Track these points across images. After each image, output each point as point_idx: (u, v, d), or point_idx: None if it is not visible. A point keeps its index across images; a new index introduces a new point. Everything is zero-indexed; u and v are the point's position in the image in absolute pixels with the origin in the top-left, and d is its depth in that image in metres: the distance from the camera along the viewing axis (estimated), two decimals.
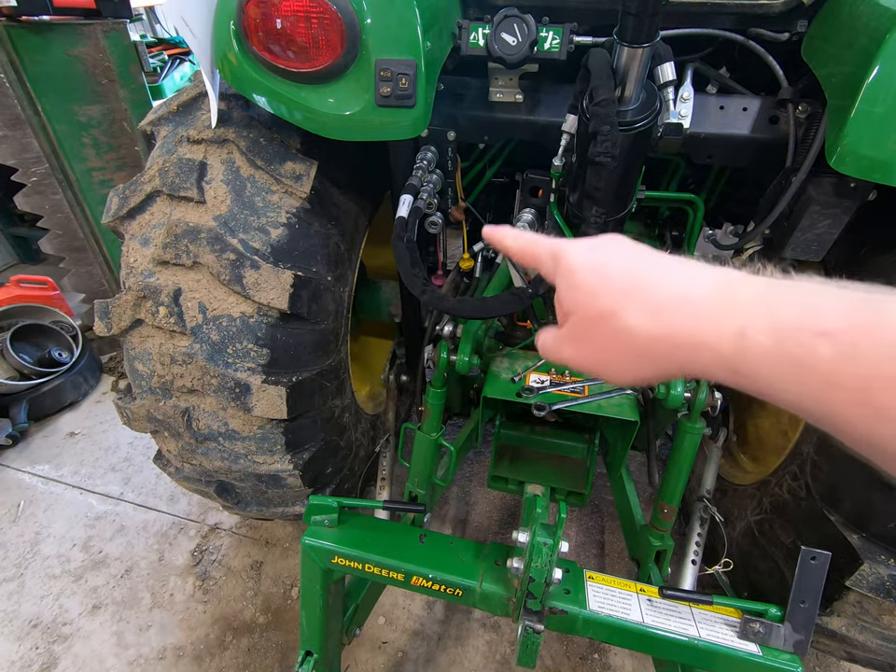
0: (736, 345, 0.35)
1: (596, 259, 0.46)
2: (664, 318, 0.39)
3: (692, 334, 0.38)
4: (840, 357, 0.31)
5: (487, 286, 1.49)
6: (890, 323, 0.30)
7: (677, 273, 0.41)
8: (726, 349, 0.36)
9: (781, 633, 0.91)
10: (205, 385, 1.13)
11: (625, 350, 0.42)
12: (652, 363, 0.42)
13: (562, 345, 0.49)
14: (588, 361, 0.47)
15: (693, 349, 0.38)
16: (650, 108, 0.87)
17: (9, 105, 2.16)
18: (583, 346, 0.46)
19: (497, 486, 1.54)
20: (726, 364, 0.36)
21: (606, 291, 0.43)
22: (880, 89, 0.82)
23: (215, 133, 1.12)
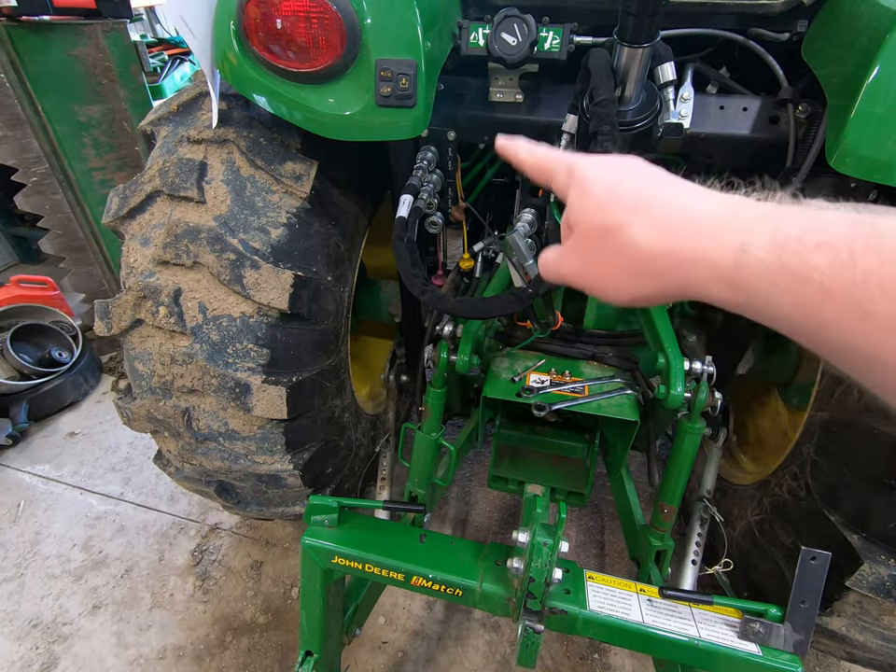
0: (736, 260, 0.36)
1: (609, 173, 0.45)
2: (668, 234, 0.40)
3: (693, 250, 0.38)
4: (836, 267, 0.31)
5: (487, 286, 1.49)
6: (888, 233, 0.30)
7: (685, 191, 0.42)
8: (726, 264, 0.36)
9: (781, 633, 0.91)
10: (205, 385, 1.13)
11: (628, 265, 0.42)
12: (653, 280, 0.42)
13: (564, 260, 0.48)
14: (589, 276, 0.46)
15: (693, 265, 0.38)
16: (650, 108, 0.87)
17: (9, 105, 2.16)
18: (586, 260, 0.46)
19: (497, 486, 1.54)
20: (725, 279, 0.37)
21: (614, 205, 0.43)
22: (880, 89, 0.82)
23: (215, 132, 1.12)
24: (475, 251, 1.53)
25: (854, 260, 0.31)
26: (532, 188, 1.29)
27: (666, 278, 0.41)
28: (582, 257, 0.46)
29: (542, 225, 1.27)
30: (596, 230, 0.44)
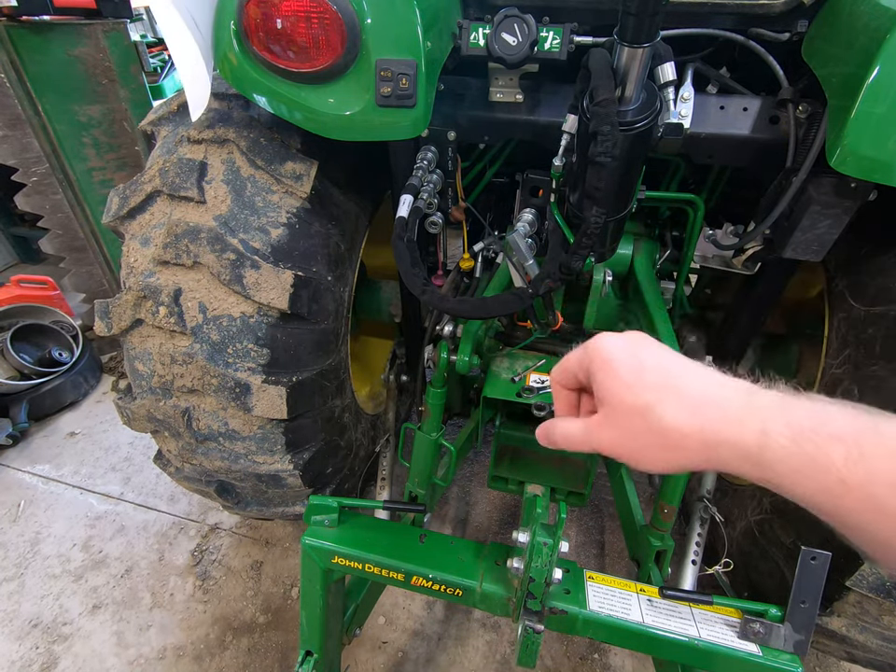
0: (759, 443, 0.40)
1: (630, 351, 0.50)
2: (696, 416, 0.44)
3: (719, 431, 0.43)
4: (850, 461, 0.36)
5: (487, 286, 1.49)
6: (886, 433, 0.36)
7: (704, 376, 0.47)
8: (750, 446, 0.41)
9: (781, 633, 0.91)
10: (205, 384, 1.13)
11: (658, 442, 0.46)
12: (683, 455, 0.45)
13: (596, 433, 0.51)
14: (622, 448, 0.50)
15: (721, 446, 0.43)
16: (650, 108, 0.87)
17: (10, 105, 2.16)
18: (618, 434, 0.49)
19: (497, 486, 1.54)
20: (750, 459, 0.41)
21: (641, 385, 0.47)
22: (881, 89, 0.82)
23: (215, 133, 1.12)
24: (475, 251, 1.53)
25: (864, 458, 0.36)
26: (532, 187, 1.29)
27: (695, 454, 0.45)
28: (615, 430, 0.50)
29: (542, 225, 1.27)
30: (626, 408, 0.48)
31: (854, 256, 1.17)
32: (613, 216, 1.00)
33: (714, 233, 1.31)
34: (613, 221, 1.01)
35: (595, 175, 0.85)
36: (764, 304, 1.43)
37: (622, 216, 1.03)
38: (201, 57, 0.97)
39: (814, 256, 1.09)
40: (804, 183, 1.02)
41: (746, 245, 1.21)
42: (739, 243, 1.22)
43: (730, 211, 1.58)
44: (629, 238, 1.50)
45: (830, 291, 1.25)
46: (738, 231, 1.29)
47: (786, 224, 1.10)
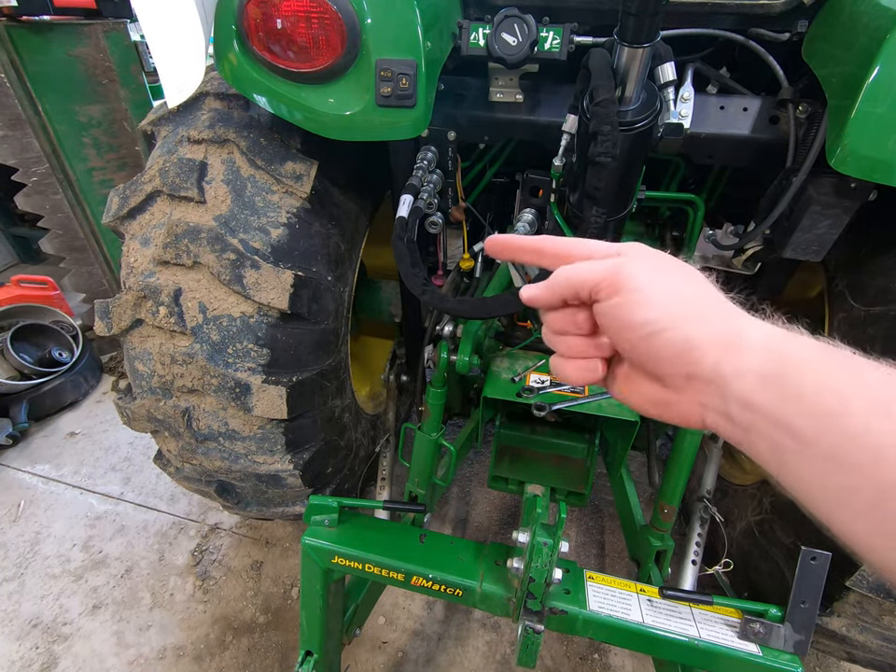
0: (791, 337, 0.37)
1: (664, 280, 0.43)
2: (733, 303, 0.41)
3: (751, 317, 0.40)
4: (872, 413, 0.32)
5: (487, 286, 1.49)
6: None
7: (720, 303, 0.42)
8: (779, 337, 0.37)
9: (781, 633, 0.91)
10: (205, 384, 1.13)
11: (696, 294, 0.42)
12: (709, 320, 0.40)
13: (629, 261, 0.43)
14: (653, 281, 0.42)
15: (751, 324, 0.39)
16: (650, 108, 0.87)
17: (10, 105, 2.16)
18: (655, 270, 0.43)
19: (497, 486, 1.54)
20: (775, 348, 0.37)
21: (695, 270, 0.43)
22: (881, 89, 0.82)
23: (215, 132, 1.12)
24: (475, 251, 1.53)
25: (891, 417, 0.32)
26: (532, 187, 1.29)
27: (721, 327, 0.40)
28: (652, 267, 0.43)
29: (542, 225, 1.27)
30: (678, 265, 0.44)
31: (854, 256, 1.17)
32: (613, 216, 1.00)
33: (714, 233, 1.31)
34: (613, 221, 1.01)
35: (595, 174, 0.85)
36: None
37: (622, 216, 1.03)
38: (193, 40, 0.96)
39: (814, 256, 1.09)
40: (804, 183, 1.02)
41: (746, 245, 1.21)
42: (739, 243, 1.22)
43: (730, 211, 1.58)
44: (629, 238, 1.50)
45: (830, 291, 1.25)
46: (738, 231, 1.29)
47: (786, 224, 1.10)
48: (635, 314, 0.40)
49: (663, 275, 0.42)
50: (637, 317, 0.40)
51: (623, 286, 0.41)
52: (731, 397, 0.37)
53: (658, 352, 0.40)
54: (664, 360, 0.40)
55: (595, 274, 0.43)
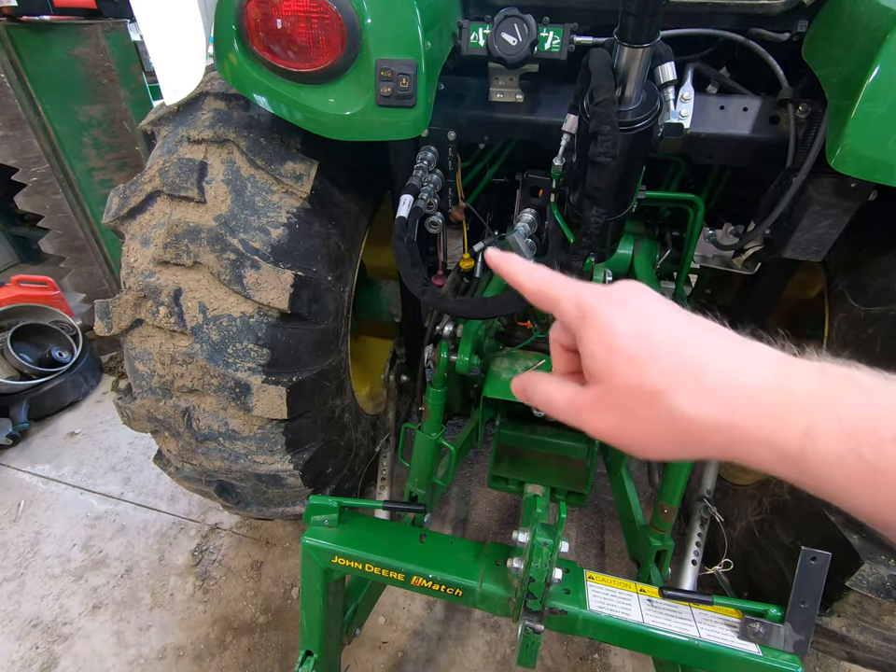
0: (803, 446, 0.33)
1: (637, 322, 0.40)
2: (722, 409, 0.36)
3: (754, 428, 0.35)
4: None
5: (487, 286, 1.49)
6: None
7: (727, 349, 0.38)
8: (792, 449, 0.34)
9: (781, 633, 0.91)
10: (205, 384, 1.13)
11: (672, 433, 0.38)
12: (701, 449, 0.38)
13: (588, 412, 0.42)
14: (619, 436, 0.41)
15: (755, 444, 0.35)
16: (650, 108, 0.87)
17: (10, 105, 2.16)
18: (615, 419, 0.41)
19: (497, 486, 1.54)
20: (792, 464, 0.34)
21: (650, 364, 0.38)
22: (881, 89, 0.82)
23: (215, 132, 1.12)
24: (475, 251, 1.53)
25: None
26: (532, 187, 1.29)
27: (717, 449, 0.37)
28: (611, 414, 0.41)
29: (542, 225, 1.27)
30: (629, 389, 0.39)
31: (854, 256, 1.17)
32: (613, 216, 1.00)
33: (714, 233, 1.31)
34: (613, 221, 1.01)
35: (595, 174, 0.85)
36: (764, 304, 1.43)
37: (622, 216, 1.03)
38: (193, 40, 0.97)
39: (814, 256, 1.09)
40: (804, 183, 1.02)
41: (746, 245, 1.21)
42: (739, 243, 1.22)
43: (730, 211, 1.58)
44: (629, 238, 1.50)
45: (830, 291, 1.25)
46: (738, 231, 1.29)
47: (786, 224, 1.10)
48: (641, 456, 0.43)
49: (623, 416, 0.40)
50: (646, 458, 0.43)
51: (595, 433, 0.42)
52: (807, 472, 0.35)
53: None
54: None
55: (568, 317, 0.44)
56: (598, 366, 0.41)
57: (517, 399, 0.51)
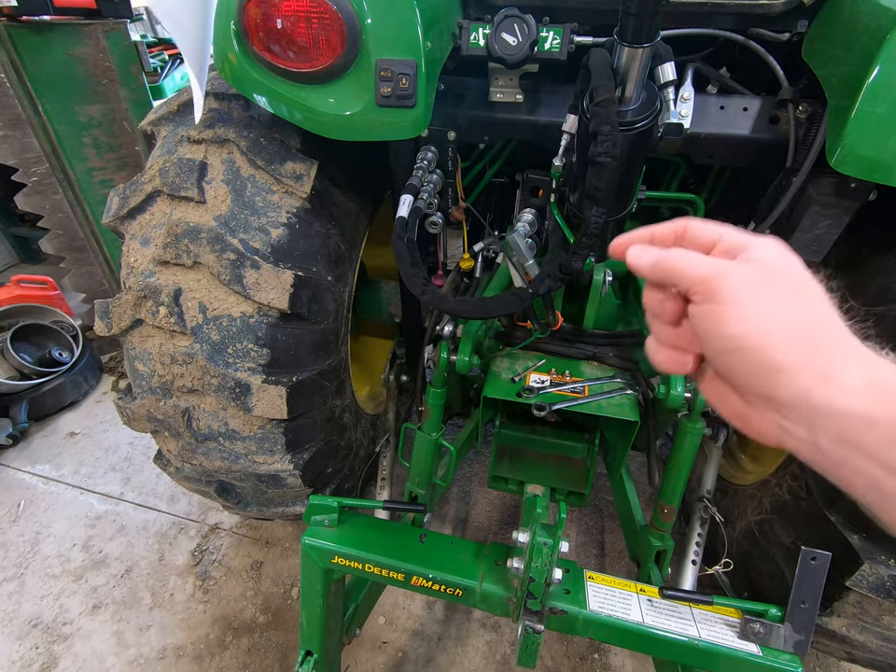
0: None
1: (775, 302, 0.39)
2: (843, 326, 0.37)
3: (857, 348, 0.36)
4: None
5: (487, 286, 1.49)
6: None
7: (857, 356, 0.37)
8: (888, 378, 0.34)
9: (781, 633, 0.91)
10: (205, 384, 1.13)
11: (797, 319, 0.37)
12: (803, 351, 0.37)
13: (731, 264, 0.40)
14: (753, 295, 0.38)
15: (852, 360, 0.36)
16: (650, 108, 0.87)
17: (10, 105, 2.16)
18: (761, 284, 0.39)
19: (497, 486, 1.54)
20: (879, 388, 0.34)
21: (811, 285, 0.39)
22: (881, 89, 0.82)
23: (215, 132, 1.12)
24: (475, 251, 1.53)
25: None
26: (532, 187, 1.29)
27: (816, 360, 0.36)
28: (760, 279, 0.39)
29: (542, 225, 1.27)
30: (792, 277, 0.39)
31: (854, 256, 1.17)
32: (613, 216, 1.00)
33: None
34: (613, 221, 1.01)
35: (595, 174, 0.85)
36: None
37: (622, 216, 1.03)
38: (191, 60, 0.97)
39: (814, 256, 1.09)
40: (804, 183, 1.02)
41: None
42: None
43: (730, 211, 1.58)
44: None
45: (830, 291, 1.25)
46: None
47: (786, 224, 1.10)
48: (722, 326, 0.39)
49: (770, 290, 0.39)
50: (724, 331, 0.39)
51: (718, 294, 0.39)
52: (822, 429, 0.35)
53: (738, 367, 0.39)
54: (743, 376, 0.39)
55: (694, 273, 0.40)
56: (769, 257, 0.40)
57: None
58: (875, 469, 0.33)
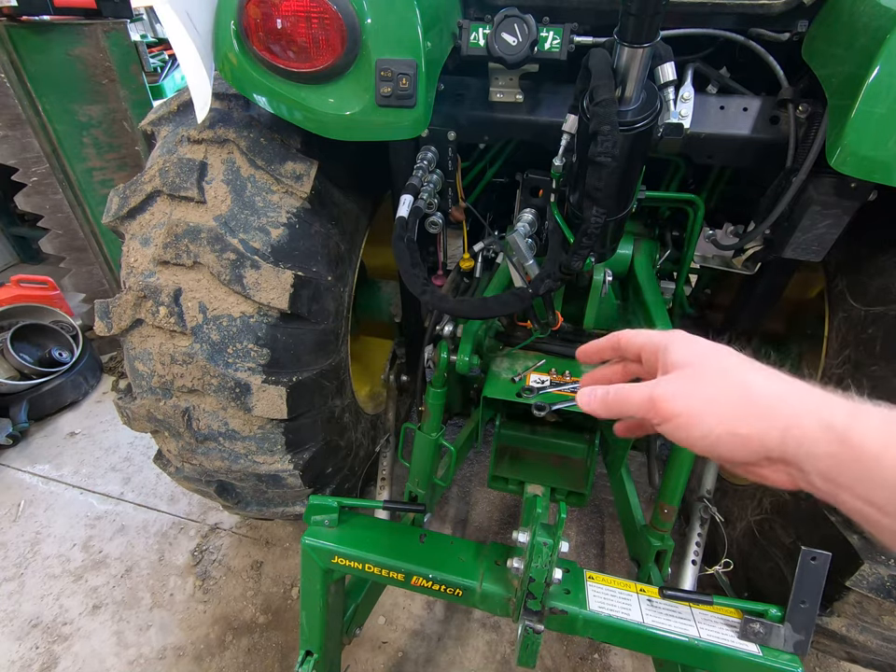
0: (849, 413, 0.40)
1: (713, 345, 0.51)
2: (785, 383, 0.45)
3: (807, 401, 0.43)
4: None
5: (487, 286, 1.49)
6: None
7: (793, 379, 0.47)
8: (837, 418, 0.40)
9: (781, 633, 0.91)
10: (206, 384, 1.13)
11: (738, 397, 0.45)
12: (757, 419, 0.43)
13: (662, 386, 0.49)
14: (686, 401, 0.47)
15: (805, 414, 0.42)
16: (650, 108, 0.87)
17: (10, 105, 2.16)
18: (689, 386, 0.47)
19: (497, 486, 1.54)
20: (833, 431, 0.40)
21: (728, 356, 0.48)
22: (881, 89, 0.82)
23: (215, 133, 1.12)
24: (475, 251, 1.53)
25: None
26: (532, 187, 1.29)
27: (769, 419, 0.43)
28: (687, 384, 0.48)
29: (542, 225, 1.27)
30: (709, 367, 0.48)
31: (854, 256, 1.17)
32: (613, 216, 1.00)
33: (714, 233, 1.31)
34: (613, 221, 1.01)
35: (596, 174, 0.85)
36: (764, 304, 1.43)
37: (622, 216, 1.03)
38: (200, 59, 0.97)
39: (814, 256, 1.09)
40: (804, 183, 1.02)
41: (746, 245, 1.21)
42: (739, 243, 1.22)
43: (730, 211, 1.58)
44: (629, 238, 1.50)
45: (830, 291, 1.25)
46: (738, 231, 1.29)
47: (786, 224, 1.10)
48: (687, 434, 0.46)
49: (699, 384, 0.47)
50: (691, 436, 0.46)
51: (664, 413, 0.47)
52: (809, 472, 0.41)
53: (727, 455, 0.45)
54: (736, 460, 0.45)
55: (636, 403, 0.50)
56: (680, 354, 0.50)
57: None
58: (855, 501, 0.39)
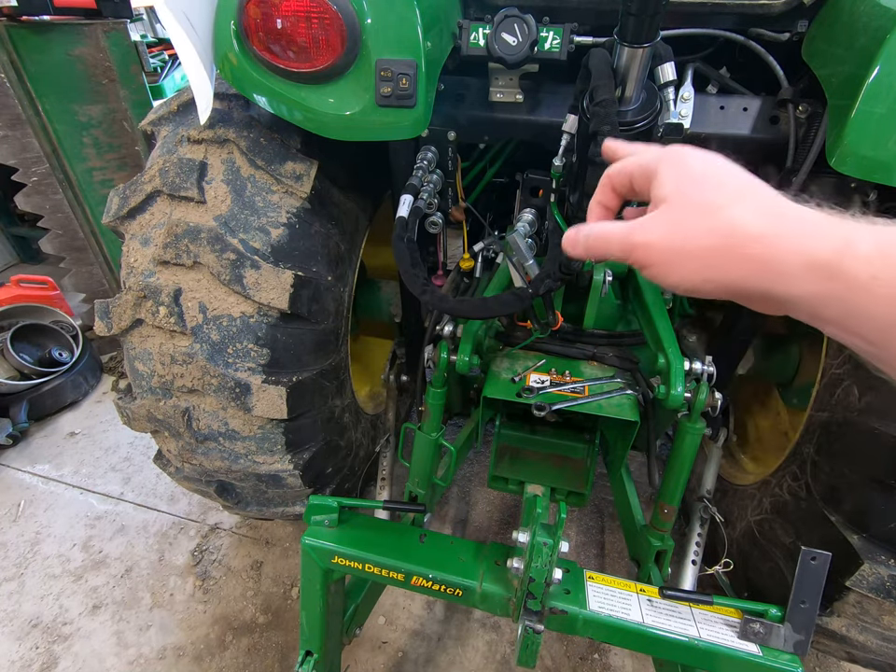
0: (837, 251, 0.36)
1: (708, 157, 0.46)
2: (772, 220, 0.40)
3: (795, 238, 0.38)
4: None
5: (487, 286, 1.48)
6: None
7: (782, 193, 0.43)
8: (826, 255, 0.37)
9: (781, 633, 0.91)
10: (205, 384, 1.13)
11: (717, 244, 0.41)
12: (735, 265, 0.41)
13: (640, 230, 0.45)
14: (661, 251, 0.44)
15: (789, 254, 0.38)
16: (650, 108, 0.87)
17: (10, 105, 2.16)
18: (668, 233, 0.43)
19: (497, 486, 1.54)
20: (820, 270, 0.37)
21: (718, 186, 0.43)
22: (881, 89, 0.82)
23: (215, 133, 1.12)
24: (475, 251, 1.53)
25: None
26: (532, 187, 1.29)
27: (750, 265, 0.40)
28: (666, 228, 0.44)
29: (542, 225, 1.27)
30: (693, 204, 0.43)
31: None
32: None
33: None
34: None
35: (596, 175, 0.85)
36: None
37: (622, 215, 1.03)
38: (201, 60, 0.97)
39: None
40: (804, 183, 1.02)
41: None
42: None
43: None
44: None
45: None
46: None
47: None
48: (664, 281, 0.45)
49: (679, 226, 0.43)
50: (668, 283, 0.44)
51: (641, 261, 0.45)
52: (793, 309, 0.40)
53: (707, 296, 0.44)
54: (717, 298, 0.44)
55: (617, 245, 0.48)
56: (665, 188, 0.45)
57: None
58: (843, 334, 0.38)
